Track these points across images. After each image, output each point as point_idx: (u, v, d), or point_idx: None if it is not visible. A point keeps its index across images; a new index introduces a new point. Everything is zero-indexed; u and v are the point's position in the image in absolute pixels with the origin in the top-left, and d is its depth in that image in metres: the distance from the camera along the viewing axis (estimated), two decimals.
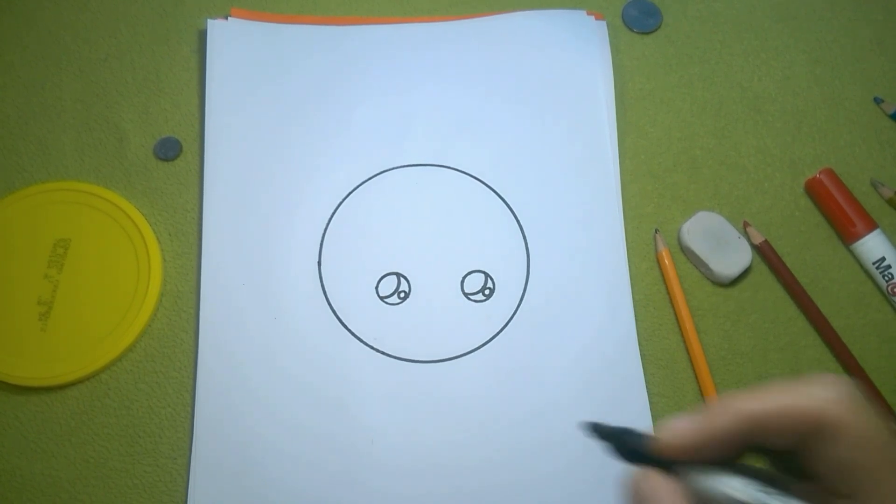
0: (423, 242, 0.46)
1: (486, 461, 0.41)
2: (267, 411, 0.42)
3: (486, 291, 0.45)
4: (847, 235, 0.47)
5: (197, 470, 0.40)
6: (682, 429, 0.23)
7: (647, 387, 0.44)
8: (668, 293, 0.46)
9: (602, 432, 0.25)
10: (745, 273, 0.46)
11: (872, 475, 0.21)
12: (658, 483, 0.23)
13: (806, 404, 0.22)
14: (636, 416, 0.43)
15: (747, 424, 0.23)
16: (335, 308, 0.44)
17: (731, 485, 0.23)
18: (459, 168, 0.48)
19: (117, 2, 0.52)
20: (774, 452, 0.23)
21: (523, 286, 0.45)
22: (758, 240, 0.47)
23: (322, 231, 0.46)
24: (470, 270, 0.45)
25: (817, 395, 0.22)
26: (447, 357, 0.43)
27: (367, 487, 0.41)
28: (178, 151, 0.48)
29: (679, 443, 0.23)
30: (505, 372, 0.43)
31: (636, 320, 0.45)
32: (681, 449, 0.23)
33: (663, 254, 0.46)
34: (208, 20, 0.50)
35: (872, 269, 0.46)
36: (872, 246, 0.46)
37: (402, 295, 0.45)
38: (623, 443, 0.25)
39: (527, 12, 0.52)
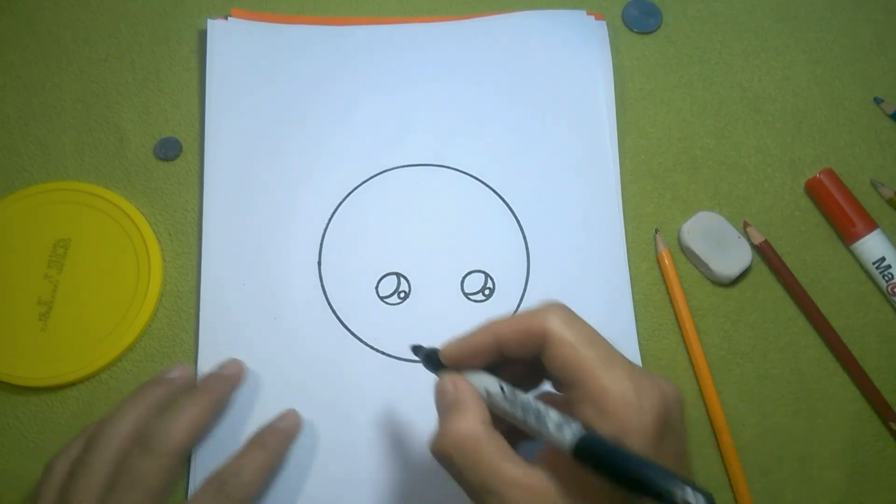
0: (423, 242, 0.46)
1: None
2: (266, 411, 0.42)
3: (486, 291, 0.45)
4: (847, 235, 0.47)
5: (197, 470, 0.40)
6: (455, 343, 0.33)
7: None
8: (668, 293, 0.46)
9: (416, 351, 0.37)
10: (745, 273, 0.46)
11: (581, 366, 0.29)
12: (447, 378, 0.33)
13: (533, 323, 0.31)
14: None
15: (496, 340, 0.32)
16: (335, 308, 0.44)
17: (485, 381, 0.32)
18: (459, 168, 0.48)
19: (117, 2, 0.52)
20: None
21: (523, 286, 0.45)
22: (758, 240, 0.47)
23: (322, 231, 0.46)
24: (470, 270, 0.45)
25: (540, 315, 0.31)
26: None
27: (367, 487, 0.41)
28: (178, 151, 0.48)
29: (455, 353, 0.33)
30: None
31: (636, 320, 0.45)
32: (457, 357, 0.33)
33: (663, 254, 0.46)
34: (208, 20, 0.50)
35: (872, 269, 0.46)
36: (872, 246, 0.46)
37: (402, 295, 0.45)
38: (427, 356, 0.35)
39: (526, 12, 0.52)
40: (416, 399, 0.42)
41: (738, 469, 0.42)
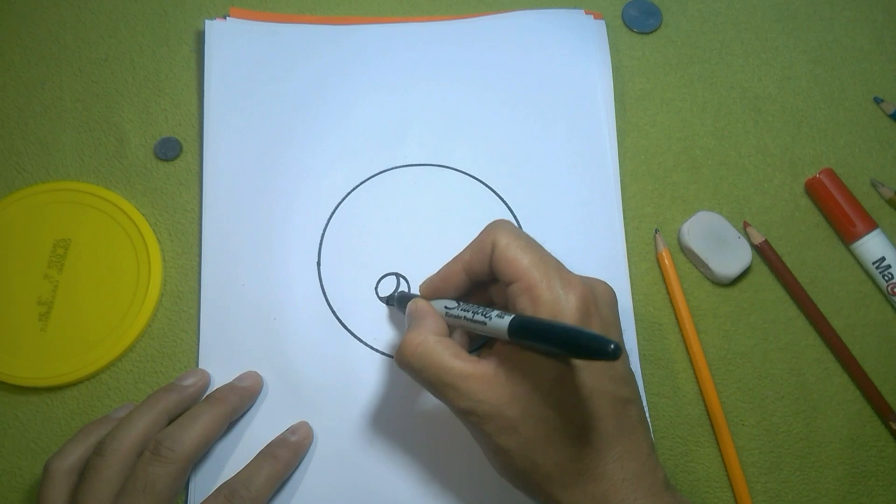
0: (423, 242, 0.46)
1: (486, 460, 0.41)
2: (266, 412, 0.42)
3: None
4: (847, 235, 0.47)
5: (197, 470, 0.40)
6: (429, 279, 0.39)
7: (646, 387, 0.44)
8: (668, 293, 0.46)
9: (389, 300, 0.44)
10: (745, 273, 0.46)
11: (518, 265, 0.34)
12: (411, 302, 0.38)
13: (485, 238, 0.36)
14: None
15: (462, 265, 0.37)
16: (335, 308, 0.44)
17: (445, 301, 0.37)
18: (459, 168, 0.48)
19: (117, 2, 0.52)
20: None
21: None
22: (758, 240, 0.47)
23: (321, 231, 0.46)
24: None
25: (489, 230, 0.36)
26: None
27: (367, 488, 0.41)
28: (178, 151, 0.48)
29: (430, 286, 0.39)
30: None
31: (636, 320, 0.45)
32: (432, 289, 0.39)
33: (663, 254, 0.46)
34: (206, 20, 0.50)
35: (872, 269, 0.46)
36: (872, 246, 0.46)
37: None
38: (400, 298, 0.41)
39: (525, 12, 0.52)
40: (416, 399, 0.42)
41: (738, 469, 0.42)
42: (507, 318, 0.33)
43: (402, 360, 0.35)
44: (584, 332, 0.29)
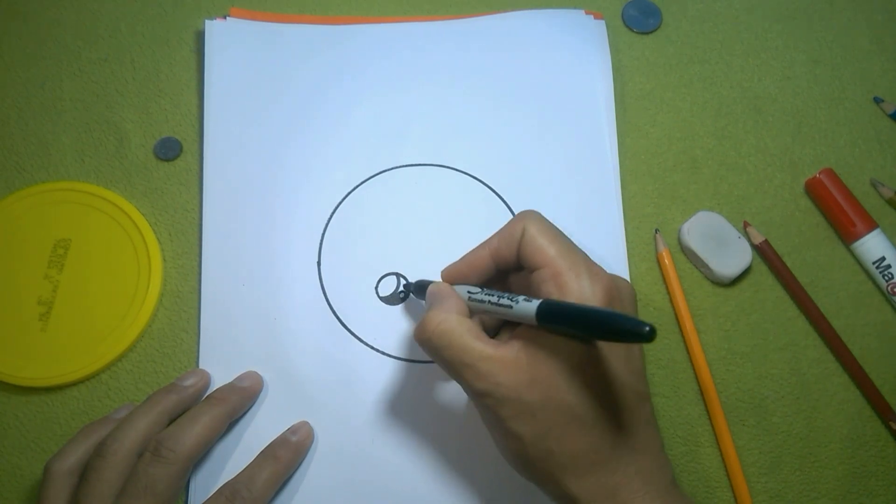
0: (423, 242, 0.46)
1: (487, 461, 0.41)
2: (266, 412, 0.42)
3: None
4: (847, 235, 0.47)
5: (197, 470, 0.40)
6: (454, 264, 0.39)
7: None
8: (668, 293, 0.46)
9: (407, 288, 0.44)
10: (745, 273, 0.46)
11: (545, 253, 0.35)
12: (433, 284, 0.39)
13: (514, 226, 0.36)
14: None
15: (489, 251, 0.37)
16: (335, 308, 0.44)
17: (469, 289, 0.37)
18: (459, 168, 0.48)
19: (117, 2, 0.52)
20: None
21: None
22: (758, 240, 0.47)
23: (321, 231, 0.46)
24: None
25: (519, 219, 0.37)
26: None
27: (367, 487, 0.41)
28: (178, 151, 0.48)
29: (454, 271, 0.39)
30: None
31: None
32: (456, 274, 0.38)
33: (663, 254, 0.46)
34: (206, 20, 0.50)
35: (872, 269, 0.46)
36: (872, 246, 0.46)
37: (402, 295, 0.45)
38: (418, 286, 0.41)
39: (525, 12, 0.52)
40: (416, 398, 0.42)
41: (738, 469, 0.42)
42: (536, 302, 0.33)
43: (423, 338, 0.35)
44: (619, 314, 0.29)
